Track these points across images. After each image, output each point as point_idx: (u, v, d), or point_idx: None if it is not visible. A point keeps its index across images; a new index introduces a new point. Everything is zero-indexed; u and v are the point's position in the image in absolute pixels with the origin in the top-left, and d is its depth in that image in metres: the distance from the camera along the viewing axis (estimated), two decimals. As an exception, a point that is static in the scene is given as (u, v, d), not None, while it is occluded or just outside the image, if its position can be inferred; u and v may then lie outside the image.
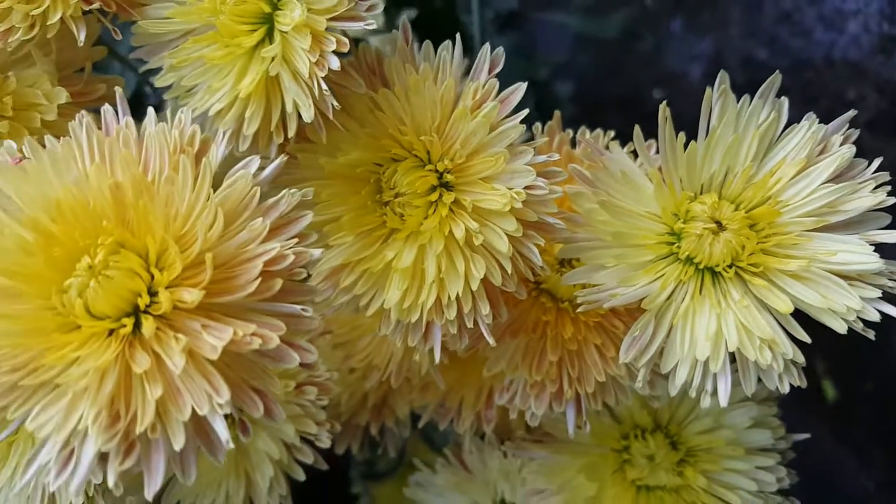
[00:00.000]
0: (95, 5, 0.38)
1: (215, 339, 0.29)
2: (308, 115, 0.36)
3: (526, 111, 0.36)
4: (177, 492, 0.46)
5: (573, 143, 0.45)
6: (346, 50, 0.35)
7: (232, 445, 0.29)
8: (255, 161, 0.33)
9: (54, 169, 0.32)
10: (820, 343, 0.38)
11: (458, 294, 0.38)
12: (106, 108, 0.35)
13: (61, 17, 0.38)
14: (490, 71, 0.37)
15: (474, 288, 0.38)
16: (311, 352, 0.32)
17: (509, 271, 0.37)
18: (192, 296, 0.30)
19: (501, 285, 0.38)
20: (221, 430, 0.29)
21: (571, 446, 0.49)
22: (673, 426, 0.49)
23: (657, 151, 0.39)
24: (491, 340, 0.39)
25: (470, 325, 0.39)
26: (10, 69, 0.41)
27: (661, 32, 1.30)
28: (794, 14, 1.22)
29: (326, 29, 0.35)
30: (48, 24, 0.38)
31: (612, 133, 0.45)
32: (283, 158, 0.33)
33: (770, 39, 1.24)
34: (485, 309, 0.38)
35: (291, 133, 0.38)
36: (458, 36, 0.36)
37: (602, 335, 0.43)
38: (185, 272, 0.31)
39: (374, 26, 0.35)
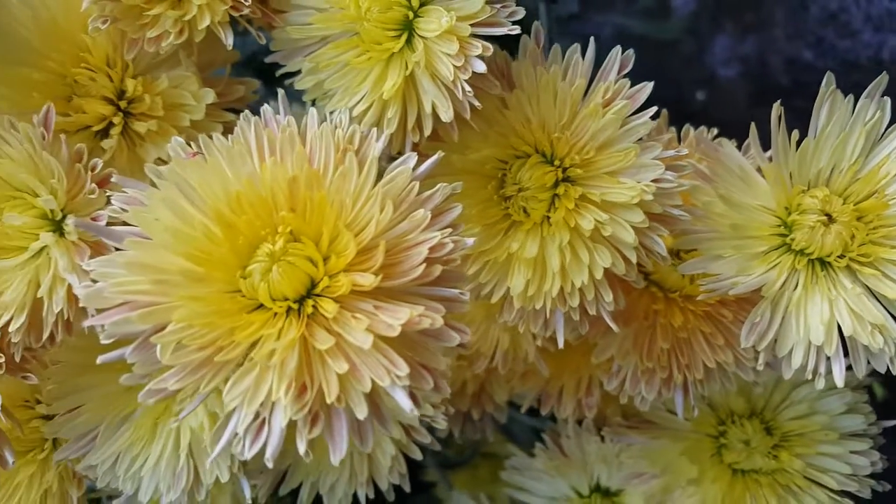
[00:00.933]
0: (245, 12, 0.40)
1: (392, 318, 0.32)
2: (448, 115, 0.39)
3: (654, 108, 0.39)
4: (301, 472, 0.48)
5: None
6: (489, 54, 0.37)
7: (417, 413, 0.31)
8: (413, 157, 0.35)
9: (230, 164, 0.35)
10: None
11: (582, 283, 0.40)
12: (266, 108, 0.37)
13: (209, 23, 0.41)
14: (619, 71, 0.39)
15: (598, 277, 0.40)
16: (466, 332, 0.34)
17: (634, 262, 0.40)
18: (368, 280, 0.32)
19: (623, 275, 0.41)
20: (404, 400, 0.31)
21: (670, 432, 0.51)
22: (768, 412, 0.51)
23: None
24: (615, 327, 0.41)
25: (592, 312, 0.41)
26: (153, 70, 0.44)
27: (704, 34, 1.32)
28: (841, 15, 1.23)
29: (470, 35, 0.37)
30: (198, 29, 0.41)
31: (715, 131, 0.47)
32: (439, 155, 0.36)
33: (816, 41, 1.25)
34: (608, 297, 0.41)
35: (427, 132, 0.40)
36: (591, 40, 0.39)
37: (710, 324, 0.45)
38: (355, 258, 0.33)
39: (517, 31, 0.37)
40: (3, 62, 0.42)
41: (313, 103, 0.44)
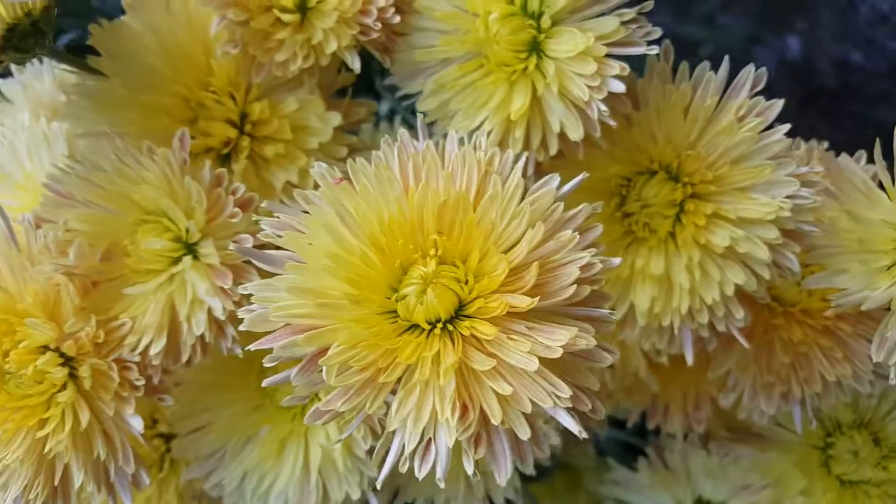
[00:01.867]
0: (374, 37, 0.41)
1: (550, 340, 0.32)
2: (578, 134, 0.39)
3: (788, 126, 0.39)
4: (415, 489, 0.49)
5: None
6: (626, 74, 0.38)
7: (585, 435, 0.32)
8: (556, 178, 0.36)
9: (380, 189, 0.35)
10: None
11: (713, 300, 0.40)
12: (402, 133, 0.38)
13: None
14: (752, 88, 0.39)
15: (728, 294, 0.40)
16: (616, 353, 0.34)
17: (767, 278, 0.40)
18: (525, 302, 0.32)
19: (753, 292, 0.41)
20: (568, 422, 0.31)
21: (778, 444, 0.51)
22: (875, 422, 0.51)
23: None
24: (745, 344, 0.41)
25: (721, 329, 0.41)
26: (274, 93, 0.44)
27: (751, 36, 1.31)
28: (892, 16, 1.22)
29: (606, 55, 0.38)
30: (325, 53, 0.42)
31: (825, 144, 0.47)
32: (583, 176, 0.36)
33: (865, 42, 1.24)
34: (738, 314, 0.41)
35: (553, 152, 0.41)
36: (726, 59, 0.39)
37: (829, 338, 0.45)
38: (505, 279, 0.34)
39: (655, 51, 0.38)
40: (132, 88, 0.43)
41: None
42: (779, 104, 0.39)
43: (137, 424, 0.39)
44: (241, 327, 0.34)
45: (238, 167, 0.42)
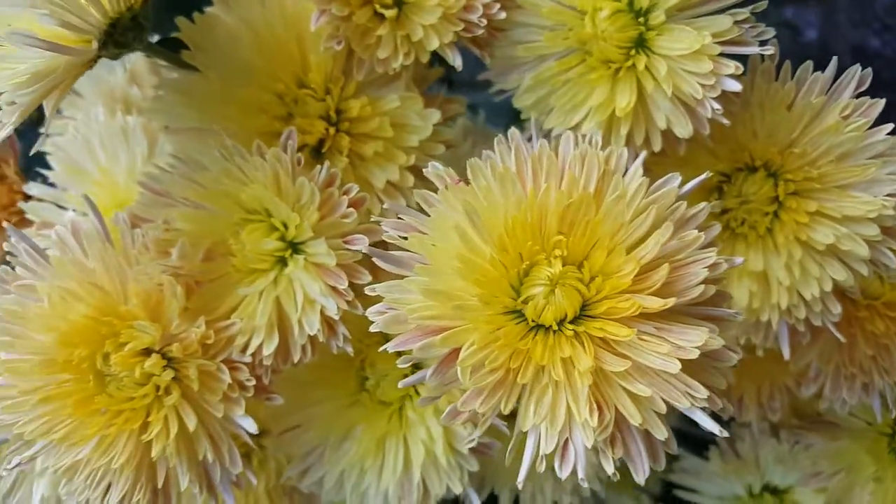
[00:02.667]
0: (478, 33, 0.41)
1: (685, 341, 0.32)
2: (686, 131, 0.40)
3: (891, 125, 0.39)
4: (500, 479, 0.49)
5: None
6: (740, 73, 0.38)
7: (726, 434, 0.32)
8: (677, 177, 0.36)
9: (502, 190, 0.35)
10: None
11: (811, 296, 0.41)
12: (513, 132, 0.38)
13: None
14: (856, 88, 0.40)
15: (827, 290, 0.41)
16: (739, 353, 0.35)
17: (865, 274, 0.40)
18: (656, 303, 0.33)
19: (849, 288, 0.41)
20: (707, 422, 0.32)
21: (848, 432, 0.52)
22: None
23: None
24: (841, 338, 0.42)
25: (817, 324, 0.42)
26: (368, 90, 0.44)
27: (770, 21, 1.32)
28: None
29: (719, 54, 0.38)
30: (426, 50, 0.41)
31: None
32: (706, 175, 0.36)
33: (883, 28, 1.25)
34: (835, 309, 0.42)
35: (657, 148, 0.41)
36: (834, 59, 0.39)
37: (912, 330, 0.46)
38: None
39: (770, 51, 0.38)
40: (230, 84, 0.42)
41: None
42: (880, 103, 0.40)
43: (249, 426, 0.39)
44: (373, 328, 0.34)
45: (340, 165, 0.41)
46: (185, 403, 0.39)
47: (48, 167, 0.52)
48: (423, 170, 0.37)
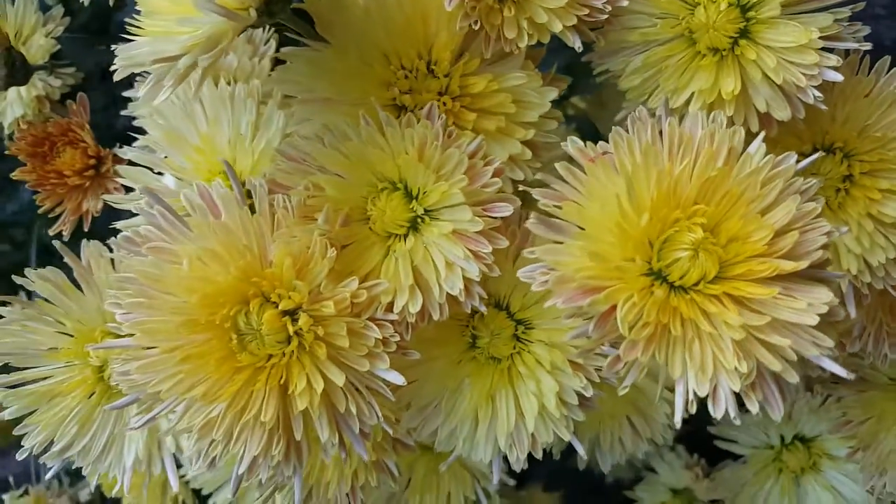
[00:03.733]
0: (601, 18, 0.44)
1: (815, 299, 0.37)
2: (785, 115, 0.44)
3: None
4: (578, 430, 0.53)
5: None
6: (840, 66, 0.43)
7: (853, 376, 0.37)
8: (793, 155, 0.40)
9: (645, 163, 0.39)
10: None
11: (878, 262, 0.47)
12: (641, 110, 0.41)
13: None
14: (929, 78, 0.45)
15: (892, 258, 0.47)
16: (845, 311, 0.40)
17: (933, 249, 0.47)
18: (790, 265, 0.37)
19: (908, 258, 0.47)
20: (835, 367, 0.37)
21: (875, 385, 0.59)
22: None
23: None
24: (901, 298, 0.48)
25: (879, 287, 0.48)
26: (488, 67, 0.46)
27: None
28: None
29: (822, 48, 0.43)
30: (550, 31, 0.44)
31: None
32: (819, 154, 0.41)
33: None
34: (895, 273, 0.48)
35: (755, 129, 0.46)
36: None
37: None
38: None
39: (868, 47, 0.43)
40: (357, 57, 0.44)
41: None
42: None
43: (395, 378, 0.41)
44: (536, 287, 0.37)
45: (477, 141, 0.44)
46: (328, 361, 0.41)
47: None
48: (562, 144, 0.41)
